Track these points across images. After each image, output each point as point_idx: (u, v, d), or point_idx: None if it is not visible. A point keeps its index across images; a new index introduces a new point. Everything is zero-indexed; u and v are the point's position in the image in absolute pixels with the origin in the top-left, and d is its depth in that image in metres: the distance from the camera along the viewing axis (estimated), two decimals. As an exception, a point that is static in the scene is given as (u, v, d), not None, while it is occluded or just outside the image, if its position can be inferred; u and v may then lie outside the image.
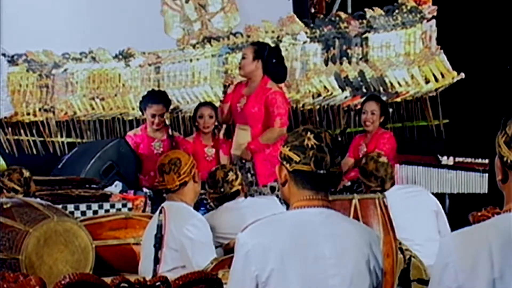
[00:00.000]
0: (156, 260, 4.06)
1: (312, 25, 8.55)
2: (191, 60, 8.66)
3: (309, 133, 2.73)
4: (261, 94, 6.32)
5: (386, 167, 5.33)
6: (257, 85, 6.36)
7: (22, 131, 8.41)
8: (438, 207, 5.46)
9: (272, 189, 6.21)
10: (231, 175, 5.07)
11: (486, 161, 7.22)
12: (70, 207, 5.54)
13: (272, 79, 6.39)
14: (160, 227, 4.06)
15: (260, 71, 6.37)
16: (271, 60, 6.40)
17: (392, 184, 5.39)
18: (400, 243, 4.49)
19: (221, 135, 7.30)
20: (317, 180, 2.71)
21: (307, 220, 2.69)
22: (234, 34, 8.66)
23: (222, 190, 5.05)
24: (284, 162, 2.74)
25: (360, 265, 2.68)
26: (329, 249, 2.66)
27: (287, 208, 2.83)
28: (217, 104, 8.18)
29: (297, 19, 8.56)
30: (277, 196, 5.74)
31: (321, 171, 2.70)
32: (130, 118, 8.47)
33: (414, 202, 5.42)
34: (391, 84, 8.17)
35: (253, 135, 6.34)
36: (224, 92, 6.64)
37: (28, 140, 8.39)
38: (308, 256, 2.64)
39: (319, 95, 8.35)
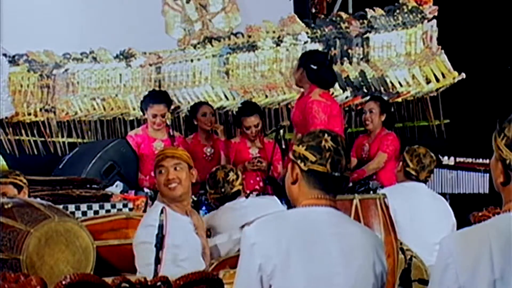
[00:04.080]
0: (157, 260, 4.06)
1: (313, 25, 8.55)
2: (192, 60, 8.66)
3: (326, 135, 2.76)
4: (301, 103, 6.30)
5: (431, 160, 5.50)
6: (305, 94, 6.34)
7: (23, 131, 8.41)
8: (455, 223, 5.51)
9: None
10: (231, 175, 5.07)
11: (487, 161, 7.21)
12: (71, 207, 5.54)
13: (319, 86, 6.32)
14: (161, 227, 4.05)
15: (306, 79, 6.30)
16: (309, 65, 6.33)
17: (426, 178, 5.53)
18: (401, 243, 4.49)
19: (221, 136, 7.30)
20: (330, 182, 2.74)
21: (314, 218, 2.71)
22: (235, 34, 8.66)
23: (223, 190, 5.04)
24: (299, 161, 2.76)
25: (365, 266, 2.69)
26: (336, 248, 2.68)
27: (288, 208, 2.85)
28: (217, 104, 8.22)
29: (298, 19, 8.56)
30: None
31: (336, 173, 2.73)
32: (131, 118, 8.48)
33: (442, 207, 5.49)
34: (392, 84, 8.18)
35: None
36: None
37: (29, 140, 8.39)
38: (314, 253, 2.66)
39: (320, 95, 8.35)
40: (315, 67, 6.28)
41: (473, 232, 2.36)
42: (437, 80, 8.06)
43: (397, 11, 8.28)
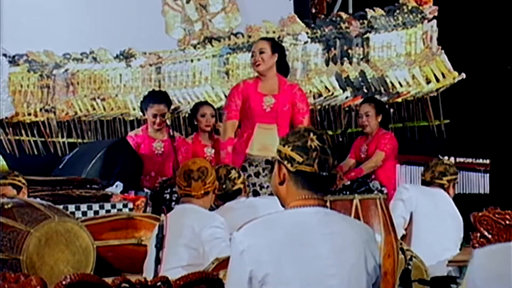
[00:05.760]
0: (158, 260, 4.06)
1: (313, 25, 8.55)
2: (192, 61, 8.66)
3: (311, 134, 2.72)
4: (288, 92, 6.15)
5: (446, 167, 5.74)
6: (277, 82, 6.11)
7: (23, 132, 8.42)
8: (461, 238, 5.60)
9: None
10: (233, 173, 5.08)
11: (487, 161, 7.22)
12: (71, 207, 5.54)
13: (284, 76, 6.20)
14: (161, 228, 4.06)
15: (275, 66, 6.11)
16: (284, 54, 6.27)
17: (438, 182, 5.68)
18: (401, 243, 4.49)
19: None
20: (318, 181, 2.71)
21: (304, 219, 2.68)
22: (235, 35, 8.67)
23: (224, 187, 5.04)
24: (285, 162, 2.73)
25: (358, 263, 2.67)
26: (327, 249, 2.65)
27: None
28: (217, 104, 8.22)
29: (298, 19, 8.56)
30: None
31: (324, 173, 2.70)
32: (131, 118, 8.49)
33: (458, 222, 5.58)
34: (392, 84, 8.17)
35: (281, 135, 5.98)
36: None
37: (29, 141, 8.40)
38: (305, 256, 2.63)
39: (320, 95, 8.35)
40: (284, 56, 6.26)
41: (498, 250, 2.33)
42: (437, 80, 8.05)
43: (397, 11, 8.27)
